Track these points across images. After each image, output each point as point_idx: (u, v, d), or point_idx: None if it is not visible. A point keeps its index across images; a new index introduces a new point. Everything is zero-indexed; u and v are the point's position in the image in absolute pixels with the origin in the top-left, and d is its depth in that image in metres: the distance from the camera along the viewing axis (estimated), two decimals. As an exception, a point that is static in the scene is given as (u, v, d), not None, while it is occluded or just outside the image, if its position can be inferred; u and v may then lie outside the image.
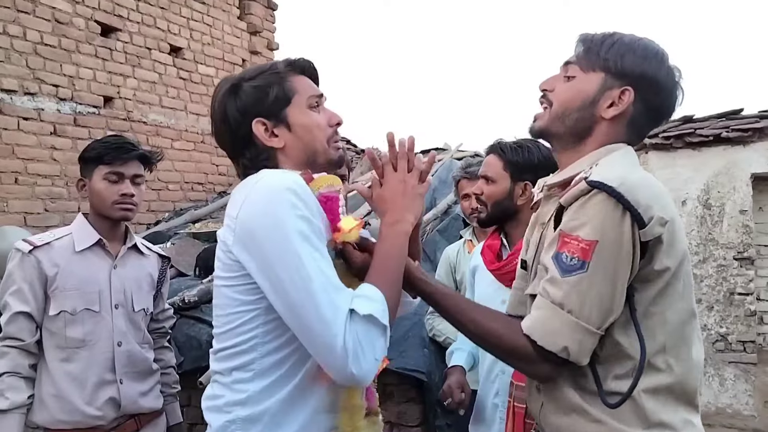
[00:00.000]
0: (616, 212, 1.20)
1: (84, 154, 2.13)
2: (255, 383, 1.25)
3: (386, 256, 1.29)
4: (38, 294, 1.99)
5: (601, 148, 1.37)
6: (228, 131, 1.34)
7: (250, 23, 7.17)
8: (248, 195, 1.22)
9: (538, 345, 1.25)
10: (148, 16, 6.00)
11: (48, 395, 1.99)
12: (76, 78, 5.36)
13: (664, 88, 1.37)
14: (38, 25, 5.05)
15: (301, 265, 1.15)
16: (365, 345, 1.16)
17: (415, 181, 1.35)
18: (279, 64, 1.38)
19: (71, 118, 5.32)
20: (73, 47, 5.34)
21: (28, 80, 4.98)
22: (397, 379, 3.44)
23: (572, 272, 1.23)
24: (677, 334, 1.33)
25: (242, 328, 1.25)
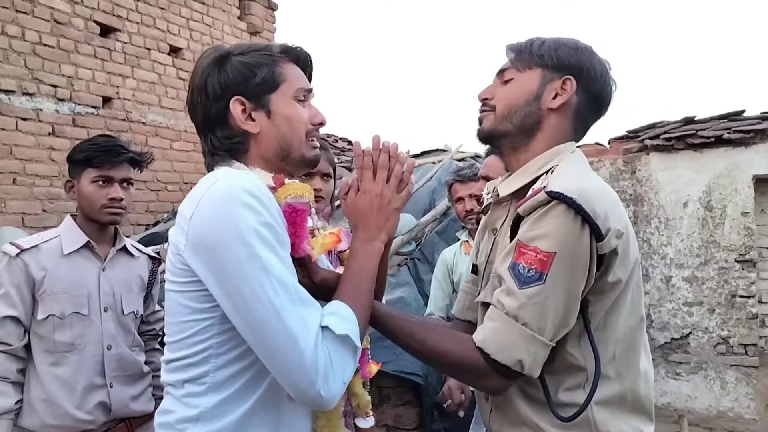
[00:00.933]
0: (576, 224, 1.19)
1: (72, 155, 2.10)
2: (208, 398, 1.15)
3: (358, 274, 1.21)
4: (26, 298, 1.96)
5: (550, 150, 1.37)
6: (203, 103, 1.23)
7: (250, 23, 7.16)
8: (204, 195, 1.12)
9: (492, 358, 1.21)
10: (147, 17, 5.99)
11: (37, 400, 1.96)
12: (75, 78, 5.35)
13: (601, 75, 1.38)
14: (37, 26, 5.04)
15: (266, 276, 1.05)
16: (336, 366, 1.08)
17: (392, 193, 1.27)
18: (274, 47, 1.28)
19: (70, 119, 5.31)
20: (72, 47, 5.33)
21: (27, 80, 4.97)
22: (394, 382, 3.42)
23: (530, 284, 1.20)
24: (627, 343, 1.32)
25: (195, 338, 1.15)
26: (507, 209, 1.43)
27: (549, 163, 1.34)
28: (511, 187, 1.39)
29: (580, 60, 1.37)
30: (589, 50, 1.40)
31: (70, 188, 2.12)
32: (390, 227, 1.28)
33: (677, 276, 5.39)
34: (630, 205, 5.56)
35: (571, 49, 1.38)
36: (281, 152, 1.25)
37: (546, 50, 1.38)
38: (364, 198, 1.26)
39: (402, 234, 4.19)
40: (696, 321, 5.31)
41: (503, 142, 1.42)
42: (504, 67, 1.43)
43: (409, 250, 4.13)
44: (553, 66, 1.37)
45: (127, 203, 2.10)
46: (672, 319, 5.40)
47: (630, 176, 5.57)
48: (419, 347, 1.30)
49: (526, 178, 1.36)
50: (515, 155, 1.41)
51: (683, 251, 5.37)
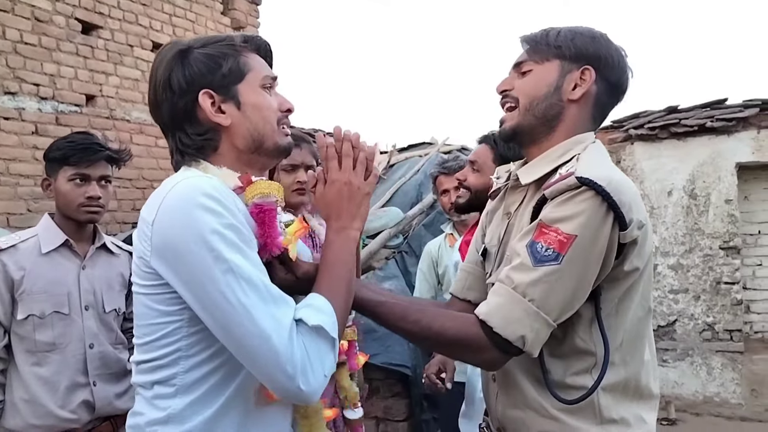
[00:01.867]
0: (601, 211, 1.20)
1: (49, 153, 2.08)
2: (177, 399, 1.14)
3: (334, 264, 1.21)
4: (5, 298, 1.95)
5: (571, 138, 1.38)
6: (169, 99, 1.20)
7: (234, 18, 7.11)
8: (164, 200, 1.10)
9: (494, 332, 1.22)
10: (129, 13, 5.94)
11: (20, 400, 1.96)
12: (58, 76, 5.30)
13: (618, 63, 1.39)
14: (17, 24, 4.98)
15: (234, 278, 1.05)
16: (314, 358, 1.08)
17: (360, 180, 1.26)
18: (235, 38, 1.26)
19: (53, 117, 5.26)
20: (54, 45, 5.27)
21: (9, 80, 4.92)
22: (383, 374, 3.44)
23: (545, 262, 1.21)
24: (634, 332, 1.35)
25: (163, 340, 1.15)
26: (524, 194, 1.44)
27: (570, 152, 1.35)
28: (534, 174, 1.40)
29: (597, 49, 1.38)
30: (605, 38, 1.41)
31: (47, 186, 2.10)
32: (362, 214, 1.28)
33: (663, 264, 5.43)
34: (615, 195, 5.59)
35: (587, 38, 1.39)
36: (254, 143, 1.23)
37: (563, 41, 1.38)
38: (332, 188, 1.26)
39: (389, 227, 4.19)
40: (682, 308, 5.36)
41: (526, 137, 1.43)
42: (521, 60, 1.43)
43: (396, 243, 4.14)
44: (571, 56, 1.37)
45: (105, 201, 2.09)
46: (658, 307, 5.44)
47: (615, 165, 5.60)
48: (413, 328, 1.31)
49: (547, 165, 1.37)
50: (537, 146, 1.42)
51: (668, 239, 5.41)
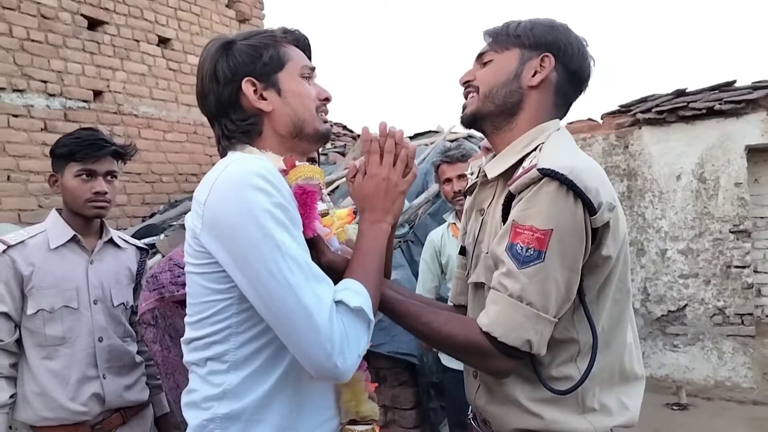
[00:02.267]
0: (569, 200, 1.20)
1: (55, 149, 2.10)
2: (231, 375, 1.19)
3: (368, 253, 1.25)
4: (15, 293, 1.99)
5: (535, 128, 1.39)
6: (215, 90, 1.28)
7: (239, 11, 7.12)
8: (217, 179, 1.16)
9: (499, 341, 1.23)
10: (134, 8, 5.97)
11: (31, 393, 1.99)
12: (65, 73, 5.35)
13: (578, 51, 1.40)
14: (24, 21, 5.03)
15: (280, 255, 1.09)
16: (351, 338, 1.12)
17: (398, 177, 1.31)
18: (275, 31, 1.33)
19: (61, 114, 5.31)
20: (61, 42, 5.32)
21: (17, 77, 4.97)
22: (390, 363, 3.46)
23: (529, 263, 1.21)
24: (615, 317, 1.35)
25: (215, 317, 1.19)
26: (494, 189, 1.45)
27: (535, 141, 1.36)
28: (499, 167, 1.40)
29: (556, 37, 1.40)
30: (564, 27, 1.42)
31: (54, 182, 2.13)
32: (396, 210, 1.32)
33: (672, 249, 5.41)
34: (624, 180, 5.57)
35: (546, 27, 1.41)
36: (294, 129, 1.29)
37: (522, 30, 1.41)
38: (371, 182, 1.30)
39: (395, 217, 4.20)
40: (692, 293, 5.34)
41: (486, 124, 1.44)
42: (482, 51, 1.46)
43: (402, 232, 4.15)
44: (530, 45, 1.40)
45: (111, 196, 2.11)
46: (668, 292, 5.43)
47: (623, 151, 5.58)
48: (425, 329, 1.33)
49: (512, 157, 1.38)
50: (499, 135, 1.44)
51: (678, 224, 5.38)
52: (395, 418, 3.48)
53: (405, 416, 3.47)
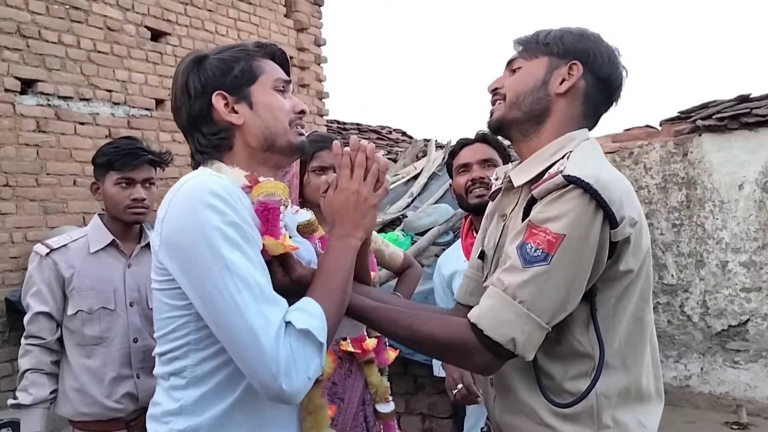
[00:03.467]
0: (589, 209, 1.19)
1: (96, 159, 2.22)
2: (189, 391, 1.20)
3: (331, 270, 1.23)
4: (57, 294, 2.11)
5: (563, 136, 1.37)
6: (187, 104, 1.28)
7: (297, 20, 7.27)
8: (173, 197, 1.18)
9: (485, 335, 1.21)
10: (196, 19, 6.18)
11: (70, 389, 2.12)
12: (129, 82, 5.59)
13: (608, 59, 1.39)
14: (91, 34, 5.29)
15: (229, 275, 1.10)
16: (299, 360, 1.10)
17: (368, 191, 1.29)
18: (248, 44, 1.34)
19: (125, 121, 5.55)
20: (125, 53, 5.56)
21: (83, 86, 5.23)
22: (428, 371, 3.46)
23: (534, 263, 1.20)
24: (634, 333, 1.31)
25: (175, 333, 1.21)
26: (518, 195, 1.43)
27: (562, 150, 1.35)
28: (526, 175, 1.39)
29: (586, 46, 1.39)
30: (595, 36, 1.42)
31: (95, 190, 2.25)
32: (367, 224, 1.30)
33: (734, 261, 5.19)
34: (682, 189, 5.39)
35: (576, 35, 1.41)
36: (266, 141, 1.29)
37: (552, 39, 1.41)
38: (340, 196, 1.28)
39: (438, 224, 4.20)
40: (754, 307, 5.11)
41: (513, 131, 1.44)
42: (512, 58, 1.47)
43: (446, 240, 4.14)
44: (559, 53, 1.39)
45: (149, 202, 2.21)
46: (729, 306, 5.21)
47: (682, 158, 5.39)
48: (405, 333, 1.32)
49: (540, 165, 1.36)
50: (526, 143, 1.43)
51: (740, 235, 5.16)
52: (432, 427, 3.48)
53: (442, 425, 3.46)
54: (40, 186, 4.88)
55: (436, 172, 5.42)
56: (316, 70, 7.48)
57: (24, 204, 4.76)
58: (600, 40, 1.41)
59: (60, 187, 5.00)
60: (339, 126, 9.49)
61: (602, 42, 1.41)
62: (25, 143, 4.79)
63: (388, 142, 9.71)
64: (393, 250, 2.53)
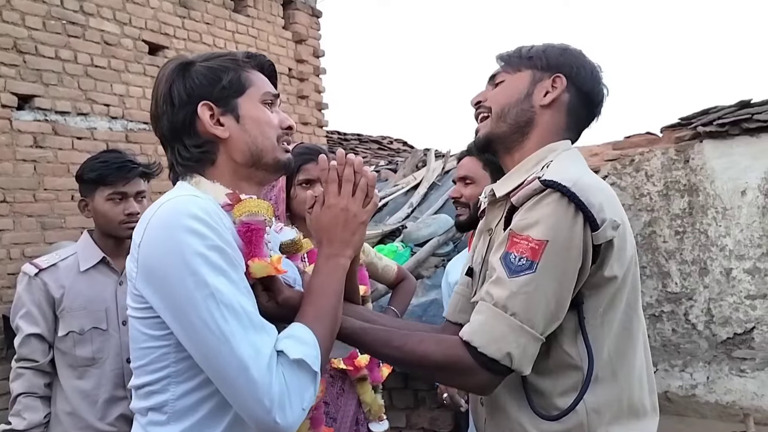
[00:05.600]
0: (569, 212, 1.17)
1: (83, 175, 2.14)
2: (170, 427, 1.13)
3: (321, 293, 1.18)
4: (48, 315, 2.06)
5: (544, 147, 1.37)
6: (169, 112, 1.20)
7: (295, 32, 7.27)
8: (150, 221, 1.11)
9: (479, 352, 1.18)
10: (193, 32, 6.18)
11: (62, 412, 2.06)
12: (126, 96, 5.57)
13: (591, 73, 1.40)
14: (88, 48, 5.27)
15: (215, 303, 1.03)
16: (293, 392, 1.05)
17: (357, 207, 1.23)
18: (238, 54, 1.27)
19: (123, 135, 5.54)
20: (123, 67, 5.55)
21: (81, 101, 5.21)
22: (428, 385, 3.42)
23: (520, 273, 1.17)
24: (623, 343, 1.29)
25: (153, 365, 1.14)
26: (502, 208, 1.41)
27: (543, 160, 1.34)
28: (507, 186, 1.38)
29: (568, 60, 1.40)
30: (577, 51, 1.43)
31: (84, 207, 2.18)
32: (356, 242, 1.25)
33: (738, 268, 5.14)
34: (684, 196, 5.34)
35: (558, 50, 1.42)
36: (252, 157, 1.23)
37: (534, 52, 1.41)
38: (329, 212, 1.23)
39: (438, 235, 4.17)
40: (760, 315, 5.05)
41: (499, 145, 1.43)
42: (495, 73, 1.48)
43: (446, 251, 4.11)
44: (542, 66, 1.39)
45: None
46: (734, 314, 5.15)
47: (683, 165, 5.35)
48: (397, 354, 1.27)
49: (521, 176, 1.35)
50: (510, 155, 1.42)
51: (743, 242, 5.11)
52: (434, 441, 3.43)
53: (444, 439, 3.41)
54: (37, 201, 4.85)
55: (435, 182, 5.39)
56: (315, 82, 7.46)
57: (21, 220, 4.74)
58: (582, 56, 1.42)
59: (58, 202, 4.97)
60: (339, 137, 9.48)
61: (585, 57, 1.42)
62: (22, 159, 4.76)
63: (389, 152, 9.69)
64: (386, 263, 2.50)
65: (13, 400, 2.06)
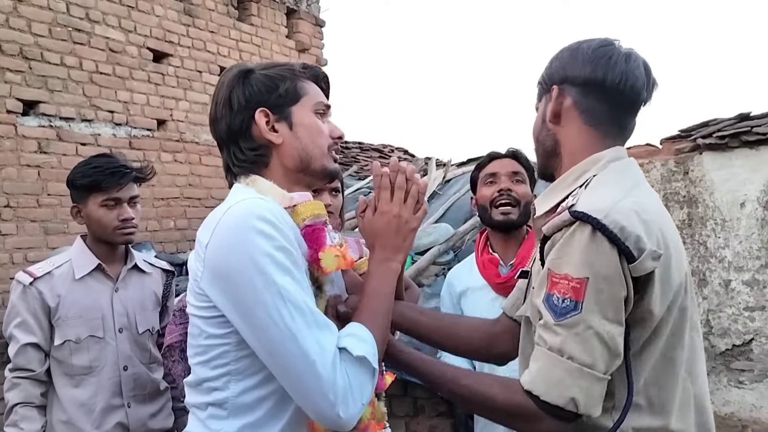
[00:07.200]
0: (603, 246, 1.12)
1: (75, 181, 2.11)
2: (230, 422, 1.17)
3: (375, 295, 1.24)
4: (43, 324, 2.05)
5: (587, 159, 1.31)
6: (228, 116, 1.27)
7: (299, 41, 7.31)
8: (219, 222, 1.15)
9: (542, 400, 1.14)
10: (198, 41, 6.22)
11: (58, 422, 2.06)
12: (131, 103, 5.62)
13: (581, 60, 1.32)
14: (93, 55, 5.32)
15: (282, 301, 1.08)
16: (355, 388, 1.10)
17: (409, 214, 1.29)
18: (295, 65, 1.34)
19: (126, 142, 5.58)
20: (127, 74, 5.60)
21: (85, 108, 5.26)
22: (428, 393, 3.43)
23: (566, 315, 1.13)
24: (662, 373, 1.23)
25: (214, 362, 1.18)
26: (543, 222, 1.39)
27: (586, 173, 1.30)
28: (548, 203, 1.36)
29: (557, 64, 1.37)
30: (569, 48, 1.37)
31: (76, 213, 2.15)
32: (407, 247, 1.31)
33: (737, 280, 5.15)
34: (684, 207, 5.36)
35: (553, 61, 1.39)
36: (301, 163, 1.29)
37: (541, 78, 1.41)
38: (381, 219, 1.29)
39: (438, 244, 4.19)
40: (759, 326, 5.06)
41: (546, 172, 1.44)
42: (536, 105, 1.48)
43: (446, 259, 4.13)
44: (545, 87, 1.39)
45: (137, 221, 2.15)
46: (733, 325, 5.16)
47: (683, 177, 5.37)
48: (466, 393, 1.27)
49: (561, 192, 1.32)
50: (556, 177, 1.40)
51: (742, 254, 5.13)
52: (431, 450, 3.44)
53: (441, 448, 3.42)
54: (41, 207, 4.89)
55: (436, 191, 5.41)
56: (317, 90, 7.50)
57: (25, 225, 4.77)
58: (570, 49, 1.36)
59: (61, 207, 5.00)
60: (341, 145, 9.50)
61: (575, 48, 1.35)
62: (26, 164, 4.81)
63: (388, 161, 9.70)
64: None
65: (8, 410, 2.04)
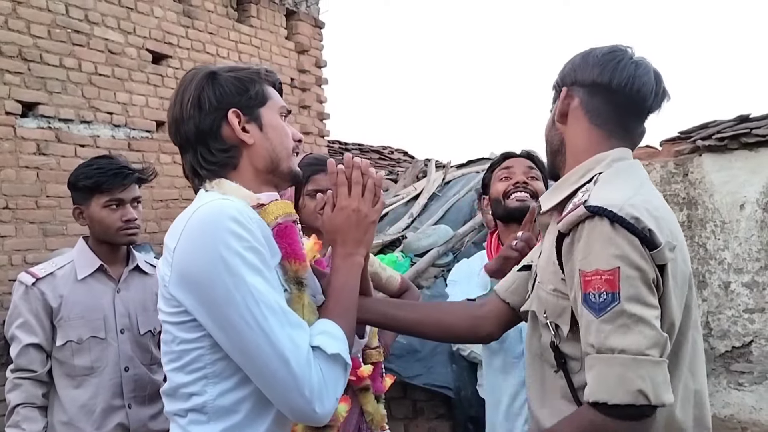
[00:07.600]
0: (624, 236, 1.15)
1: (77, 182, 2.11)
2: (211, 426, 1.16)
3: (343, 290, 1.26)
4: (45, 325, 2.05)
5: (591, 158, 1.34)
6: (197, 116, 1.25)
7: (298, 42, 7.30)
8: (186, 225, 1.15)
9: (610, 405, 1.11)
10: (197, 42, 6.21)
11: (59, 423, 2.05)
12: (130, 105, 5.60)
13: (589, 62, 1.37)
14: (92, 57, 5.31)
15: (254, 301, 1.09)
16: (330, 383, 1.13)
17: (367, 207, 1.31)
18: (260, 68, 1.36)
19: (125, 143, 5.56)
20: (126, 76, 5.58)
21: (84, 109, 5.24)
22: (428, 395, 3.43)
23: (606, 309, 1.14)
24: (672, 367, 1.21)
25: (189, 367, 1.17)
26: (550, 219, 1.42)
27: (590, 172, 1.32)
28: (553, 199, 1.38)
29: (571, 68, 1.41)
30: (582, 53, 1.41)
31: (79, 215, 2.15)
32: (368, 240, 1.33)
33: (736, 281, 5.15)
34: (683, 209, 5.36)
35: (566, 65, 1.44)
36: (271, 164, 1.30)
37: (555, 82, 1.47)
38: (341, 214, 1.31)
39: (438, 246, 4.18)
40: (758, 328, 5.06)
41: (553, 171, 1.49)
42: None
43: (445, 261, 4.13)
44: (558, 90, 1.44)
45: (140, 222, 2.16)
46: (732, 327, 5.16)
47: (682, 179, 5.38)
48: None
49: (566, 189, 1.35)
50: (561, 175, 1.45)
51: (742, 255, 5.13)
52: (431, 452, 3.44)
53: (441, 450, 3.42)
54: (39, 208, 4.88)
55: (436, 192, 5.42)
56: (317, 92, 7.50)
57: (23, 226, 4.76)
58: (584, 54, 1.40)
59: (60, 209, 4.99)
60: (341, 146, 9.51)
61: (589, 53, 1.39)
62: (25, 166, 4.79)
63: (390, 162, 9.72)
64: (390, 274, 2.52)
65: (10, 410, 2.04)
